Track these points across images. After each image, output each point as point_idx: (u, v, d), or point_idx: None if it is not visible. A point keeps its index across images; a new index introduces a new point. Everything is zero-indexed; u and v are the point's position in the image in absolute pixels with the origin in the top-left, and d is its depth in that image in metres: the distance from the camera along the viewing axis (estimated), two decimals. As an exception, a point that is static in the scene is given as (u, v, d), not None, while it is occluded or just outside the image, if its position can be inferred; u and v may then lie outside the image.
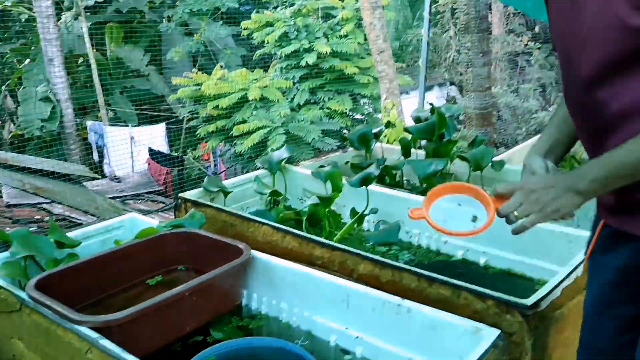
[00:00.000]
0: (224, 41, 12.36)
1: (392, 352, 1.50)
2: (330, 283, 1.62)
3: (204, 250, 1.86)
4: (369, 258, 1.73)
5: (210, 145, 7.64)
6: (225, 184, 2.42)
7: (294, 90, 7.32)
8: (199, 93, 7.50)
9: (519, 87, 11.73)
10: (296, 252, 1.88)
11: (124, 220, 2.09)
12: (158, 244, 1.87)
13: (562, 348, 1.62)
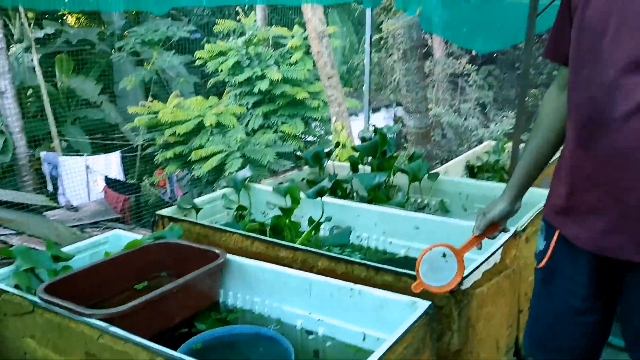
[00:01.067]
0: (176, 69, 12.61)
1: (348, 329, 1.83)
2: (295, 276, 1.95)
3: (184, 257, 2.15)
4: (325, 255, 2.08)
5: (168, 171, 7.86)
6: (196, 201, 2.73)
7: (248, 116, 7.67)
8: (156, 121, 7.73)
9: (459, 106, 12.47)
10: (264, 255, 2.21)
11: (108, 236, 2.37)
12: (143, 254, 2.16)
13: (484, 321, 2.00)
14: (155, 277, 2.18)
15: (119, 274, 2.07)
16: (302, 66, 7.57)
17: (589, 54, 1.28)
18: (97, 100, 12.57)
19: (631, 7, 1.19)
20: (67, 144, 11.91)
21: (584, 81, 1.31)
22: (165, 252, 2.18)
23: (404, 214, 2.51)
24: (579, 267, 1.42)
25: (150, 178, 10.99)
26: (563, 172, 1.42)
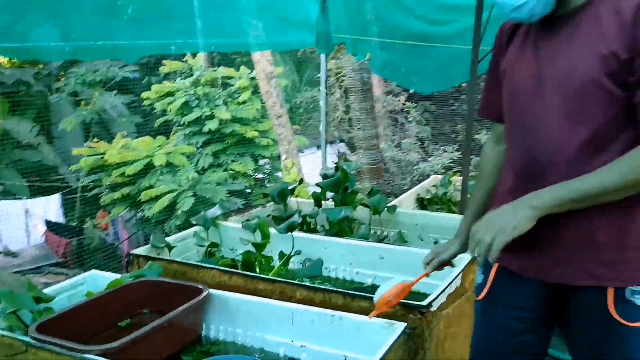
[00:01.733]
0: (118, 110, 12.50)
1: (330, 353, 1.96)
2: (276, 306, 2.07)
3: (164, 294, 2.23)
4: (303, 285, 2.22)
5: (115, 212, 7.76)
6: (168, 240, 2.81)
7: (198, 155, 7.74)
8: (102, 162, 7.67)
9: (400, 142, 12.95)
10: (243, 288, 2.32)
11: (85, 277, 2.41)
12: (125, 292, 2.22)
13: (450, 340, 2.19)
14: (138, 315, 2.24)
15: (103, 313, 2.13)
16: (250, 105, 7.77)
17: (520, 111, 1.48)
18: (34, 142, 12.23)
19: (549, 70, 1.41)
20: (3, 187, 11.48)
21: (519, 134, 1.49)
22: (146, 290, 2.25)
23: (369, 245, 2.70)
24: (522, 294, 1.57)
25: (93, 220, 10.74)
26: None
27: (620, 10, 1.31)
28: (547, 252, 1.47)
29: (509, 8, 1.40)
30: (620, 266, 1.41)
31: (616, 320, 1.42)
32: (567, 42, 1.39)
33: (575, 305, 1.49)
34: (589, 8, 1.38)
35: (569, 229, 1.42)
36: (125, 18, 3.21)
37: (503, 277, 1.61)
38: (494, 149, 1.73)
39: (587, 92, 1.35)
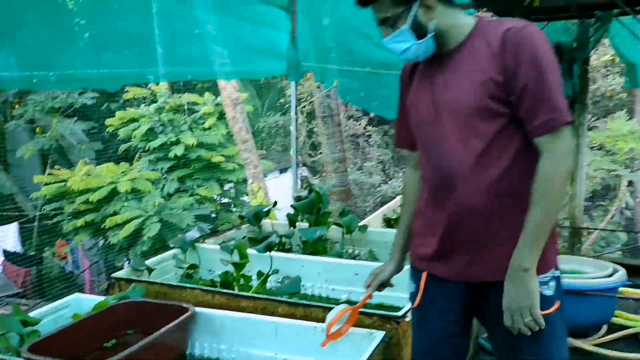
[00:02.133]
0: (78, 137, 12.34)
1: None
2: (260, 321, 2.18)
3: (150, 314, 2.30)
4: (284, 302, 2.33)
5: (78, 239, 7.66)
6: (147, 263, 2.87)
7: (163, 180, 7.75)
8: (64, 189, 7.59)
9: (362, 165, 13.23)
10: (226, 306, 2.41)
11: (69, 300, 2.46)
12: (111, 313, 2.28)
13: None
14: (123, 335, 2.30)
15: (90, 334, 2.18)
16: (215, 131, 7.85)
17: (426, 136, 1.71)
18: (-11, 170, 11.93)
19: (442, 99, 1.63)
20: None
21: (428, 156, 1.72)
22: (131, 311, 2.32)
23: (344, 263, 2.84)
24: (450, 298, 1.72)
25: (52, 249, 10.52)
26: (422, 229, 1.77)
27: (490, 42, 1.55)
28: (463, 254, 1.64)
29: (397, 52, 1.66)
30: None
31: None
32: (454, 74, 1.62)
33: (494, 299, 1.64)
34: (467, 43, 1.62)
35: (479, 232, 1.61)
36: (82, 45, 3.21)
37: (431, 284, 1.75)
38: (414, 175, 1.93)
39: (474, 113, 1.57)
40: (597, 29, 4.11)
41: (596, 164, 9.30)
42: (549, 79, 1.51)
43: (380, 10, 1.63)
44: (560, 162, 1.52)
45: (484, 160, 1.58)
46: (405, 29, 1.61)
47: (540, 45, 1.52)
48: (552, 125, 1.51)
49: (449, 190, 1.64)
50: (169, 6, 3.53)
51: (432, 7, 1.60)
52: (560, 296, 1.65)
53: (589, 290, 3.11)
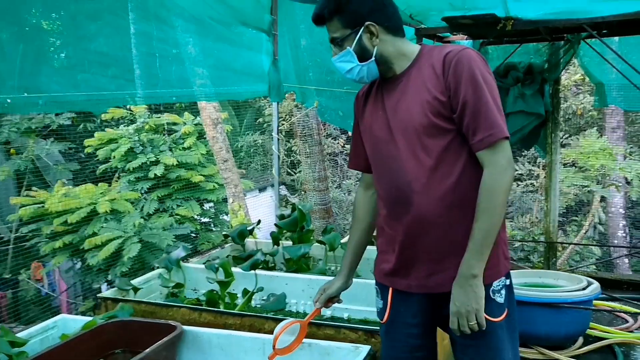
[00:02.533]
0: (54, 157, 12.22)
1: (300, 379, 2.12)
2: (248, 337, 2.22)
3: (138, 333, 2.33)
4: (270, 318, 2.38)
5: (56, 261, 7.56)
6: (133, 282, 2.89)
7: (143, 201, 7.73)
8: (42, 211, 7.50)
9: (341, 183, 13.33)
10: (213, 324, 2.45)
11: (56, 321, 2.47)
12: (99, 333, 2.30)
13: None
14: (111, 355, 2.32)
15: (79, 353, 2.20)
16: (195, 150, 7.87)
17: (381, 155, 1.82)
18: (-37, 192, 11.72)
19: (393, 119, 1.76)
20: None
21: (384, 173, 1.83)
22: (119, 330, 2.34)
23: (328, 279, 2.88)
24: (412, 312, 1.83)
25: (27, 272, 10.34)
26: (384, 245, 1.88)
27: (434, 64, 1.71)
28: (422, 266, 1.76)
29: (342, 71, 1.81)
30: None
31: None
32: (403, 96, 1.76)
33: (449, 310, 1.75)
34: (414, 66, 1.77)
35: (435, 243, 1.73)
36: (57, 67, 3.17)
37: (397, 299, 1.86)
38: (365, 194, 2.05)
39: (423, 131, 1.71)
40: (567, 50, 4.29)
41: (569, 180, 9.54)
42: (486, 96, 1.65)
43: (330, 30, 1.79)
44: (501, 175, 1.65)
45: (436, 174, 1.71)
46: (350, 50, 1.75)
47: (477, 66, 1.66)
48: (490, 140, 1.64)
49: (406, 205, 1.75)
50: (148, 28, 3.53)
51: (376, 34, 1.75)
52: (510, 304, 1.79)
53: (564, 303, 3.22)
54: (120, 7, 3.39)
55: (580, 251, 9.53)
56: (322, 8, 1.78)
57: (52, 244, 7.49)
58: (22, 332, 2.31)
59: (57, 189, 8.00)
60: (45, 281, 11.40)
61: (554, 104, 4.50)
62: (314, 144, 7.35)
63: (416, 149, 1.72)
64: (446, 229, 1.72)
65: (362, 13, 1.74)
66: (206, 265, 3.02)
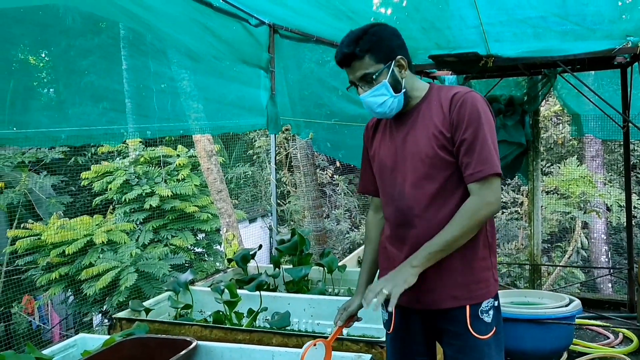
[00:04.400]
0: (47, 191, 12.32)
1: (307, 387, 2.30)
2: (258, 350, 2.40)
3: (155, 348, 2.49)
4: (278, 333, 2.56)
5: (52, 292, 7.64)
6: (145, 304, 3.07)
7: (138, 232, 7.88)
8: (38, 243, 7.62)
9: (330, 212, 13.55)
10: (223, 340, 2.62)
11: (76, 339, 2.63)
12: (118, 349, 2.47)
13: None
14: (129, 370, 2.48)
15: (100, 368, 2.36)
16: (189, 182, 8.07)
17: (388, 180, 2.01)
18: (-46, 227, 11.74)
19: (402, 149, 1.96)
20: None
21: (390, 197, 2.01)
22: (137, 346, 2.50)
23: (328, 299, 3.09)
24: (413, 325, 2.02)
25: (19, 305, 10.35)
26: (385, 263, 2.05)
27: (441, 102, 1.91)
28: (420, 285, 1.89)
29: (375, 105, 1.94)
30: (471, 286, 1.92)
31: (472, 334, 1.91)
32: (412, 128, 1.95)
33: (446, 325, 1.96)
34: (424, 102, 1.96)
35: (433, 265, 1.88)
36: (47, 101, 3.17)
37: (400, 312, 2.05)
38: (375, 217, 2.25)
39: (428, 161, 1.89)
40: (545, 84, 4.61)
41: (552, 207, 9.85)
42: (484, 135, 1.86)
43: (361, 67, 1.91)
44: (483, 206, 1.85)
45: (437, 201, 1.91)
46: (386, 82, 1.91)
47: (479, 108, 1.88)
48: (480, 176, 1.85)
49: (408, 227, 1.94)
50: (144, 62, 3.62)
51: (405, 67, 1.95)
52: (497, 323, 1.98)
53: (547, 319, 3.45)
54: (112, 44, 3.49)
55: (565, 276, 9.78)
56: (351, 48, 1.88)
57: (48, 275, 7.59)
58: (45, 350, 2.47)
59: (53, 221, 8.13)
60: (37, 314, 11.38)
61: (534, 134, 4.80)
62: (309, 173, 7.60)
63: (420, 177, 1.91)
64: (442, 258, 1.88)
65: (393, 47, 1.91)
66: (212, 287, 3.20)
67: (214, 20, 3.68)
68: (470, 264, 1.93)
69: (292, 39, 4.38)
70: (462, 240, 1.86)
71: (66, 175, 12.68)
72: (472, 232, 1.87)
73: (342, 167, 13.63)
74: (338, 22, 3.74)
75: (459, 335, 1.95)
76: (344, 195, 13.58)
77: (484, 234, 1.96)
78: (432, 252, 1.84)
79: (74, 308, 8.25)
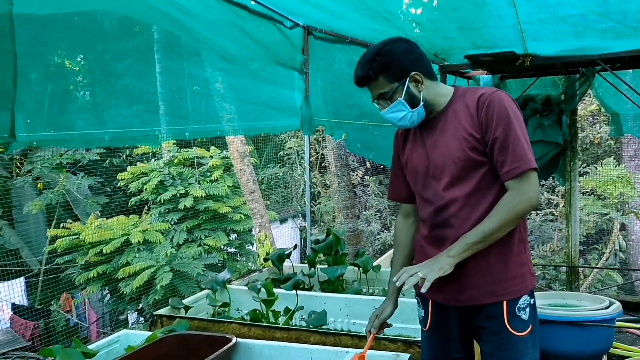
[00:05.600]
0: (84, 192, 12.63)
1: (345, 385, 2.32)
2: (297, 348, 2.43)
3: (196, 345, 2.55)
4: (316, 331, 2.59)
5: (90, 290, 7.83)
6: (185, 301, 3.13)
7: (173, 232, 8.01)
8: (77, 242, 7.81)
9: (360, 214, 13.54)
10: (261, 337, 2.66)
11: (120, 335, 2.70)
12: (160, 345, 2.53)
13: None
14: (171, 365, 2.54)
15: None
16: (222, 183, 8.17)
17: (422, 185, 2.05)
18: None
19: (433, 154, 1.99)
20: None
21: (425, 201, 2.05)
22: (179, 343, 2.56)
23: (364, 298, 3.10)
24: (449, 322, 2.04)
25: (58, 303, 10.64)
26: (422, 262, 1.99)
27: (468, 104, 1.93)
28: (456, 282, 1.94)
29: (395, 120, 1.99)
30: (508, 281, 1.94)
31: (509, 331, 1.93)
32: (442, 133, 1.98)
33: (483, 322, 1.97)
34: (450, 106, 1.99)
35: (469, 261, 1.91)
36: (83, 104, 3.22)
37: (436, 309, 2.07)
38: (404, 222, 2.27)
39: (460, 164, 1.92)
40: (582, 83, 4.53)
41: (588, 208, 9.65)
42: (515, 132, 1.87)
43: (377, 87, 1.99)
44: (522, 201, 1.86)
45: (472, 200, 1.93)
46: (401, 100, 1.96)
47: (507, 106, 1.90)
48: (517, 172, 1.86)
49: (446, 227, 1.96)
50: (179, 65, 3.66)
51: (421, 81, 1.98)
52: (534, 321, 1.99)
53: (587, 322, 3.39)
54: (147, 46, 3.56)
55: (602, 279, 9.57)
56: (365, 70, 1.96)
57: (86, 274, 7.78)
58: (90, 345, 2.55)
59: (91, 220, 8.33)
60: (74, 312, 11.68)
61: (572, 134, 4.72)
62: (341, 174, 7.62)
63: (454, 179, 1.94)
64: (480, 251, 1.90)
65: (405, 65, 1.95)
66: (249, 286, 3.25)
67: (249, 22, 3.73)
68: (506, 260, 1.95)
69: (325, 40, 4.41)
70: (500, 233, 1.88)
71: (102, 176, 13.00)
72: (511, 225, 1.89)
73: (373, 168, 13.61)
74: (372, 23, 3.74)
75: (496, 333, 1.96)
76: (375, 196, 13.56)
77: (518, 230, 1.98)
78: (469, 242, 1.86)
79: (110, 306, 8.43)
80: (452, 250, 1.88)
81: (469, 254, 1.88)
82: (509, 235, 1.93)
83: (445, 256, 1.88)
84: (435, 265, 1.87)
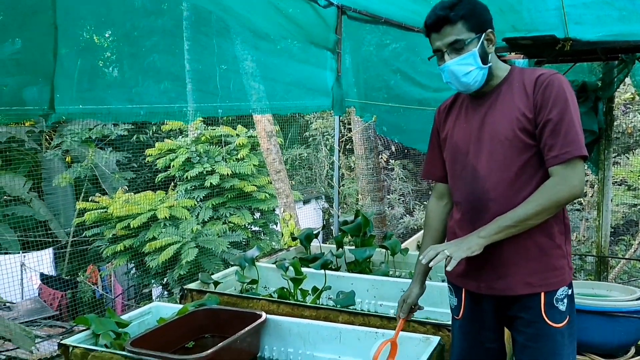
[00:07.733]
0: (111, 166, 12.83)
1: (373, 365, 2.33)
2: (325, 326, 2.44)
3: (226, 320, 2.58)
4: (345, 311, 2.60)
5: (117, 263, 7.99)
6: (214, 277, 3.17)
7: (198, 208, 8.10)
8: (105, 215, 7.95)
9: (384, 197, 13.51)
10: (290, 315, 2.68)
11: (151, 307, 2.75)
12: (191, 318, 2.57)
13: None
14: (201, 339, 2.58)
15: (174, 334, 2.47)
16: (248, 162, 8.21)
17: (462, 163, 1.97)
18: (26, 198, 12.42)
19: (480, 131, 1.91)
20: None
21: (462, 181, 1.96)
22: (209, 317, 2.60)
23: (392, 280, 3.10)
24: (482, 310, 1.98)
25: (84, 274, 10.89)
26: None
27: (525, 83, 1.86)
28: (492, 270, 1.89)
29: (460, 74, 1.87)
30: (546, 273, 1.88)
31: (546, 322, 1.88)
32: (491, 109, 1.90)
33: (519, 312, 1.92)
34: (504, 84, 1.91)
35: (506, 249, 1.85)
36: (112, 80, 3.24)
37: (469, 298, 2.02)
38: (438, 204, 2.21)
39: (508, 144, 1.84)
40: (621, 70, 4.41)
41: (618, 199, 9.47)
42: (570, 116, 1.79)
43: (452, 32, 1.84)
44: (564, 189, 1.78)
45: (515, 185, 1.85)
46: (475, 52, 1.85)
47: (566, 89, 1.82)
48: (566, 157, 1.77)
49: (482, 211, 1.88)
50: (208, 42, 3.62)
51: (494, 42, 1.91)
52: (571, 313, 1.93)
53: (617, 312, 3.34)
54: (175, 25, 3.52)
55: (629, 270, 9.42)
56: (446, 11, 1.83)
57: (113, 247, 7.93)
58: (123, 316, 2.60)
59: (119, 195, 8.46)
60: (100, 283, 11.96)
61: (608, 122, 4.61)
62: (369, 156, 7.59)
63: (498, 160, 1.86)
64: (516, 237, 1.83)
65: (487, 19, 1.88)
66: (277, 264, 3.27)
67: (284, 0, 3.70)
68: (546, 251, 1.88)
69: (359, 20, 4.35)
70: (537, 219, 1.80)
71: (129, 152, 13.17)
72: (549, 213, 1.80)
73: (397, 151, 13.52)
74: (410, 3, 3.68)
75: (532, 323, 1.91)
76: (399, 180, 13.49)
77: (560, 221, 1.90)
78: (502, 225, 1.79)
79: (136, 280, 8.60)
80: (483, 231, 1.81)
81: (500, 238, 1.80)
82: (551, 226, 1.86)
83: (475, 236, 1.82)
84: (463, 244, 1.80)
